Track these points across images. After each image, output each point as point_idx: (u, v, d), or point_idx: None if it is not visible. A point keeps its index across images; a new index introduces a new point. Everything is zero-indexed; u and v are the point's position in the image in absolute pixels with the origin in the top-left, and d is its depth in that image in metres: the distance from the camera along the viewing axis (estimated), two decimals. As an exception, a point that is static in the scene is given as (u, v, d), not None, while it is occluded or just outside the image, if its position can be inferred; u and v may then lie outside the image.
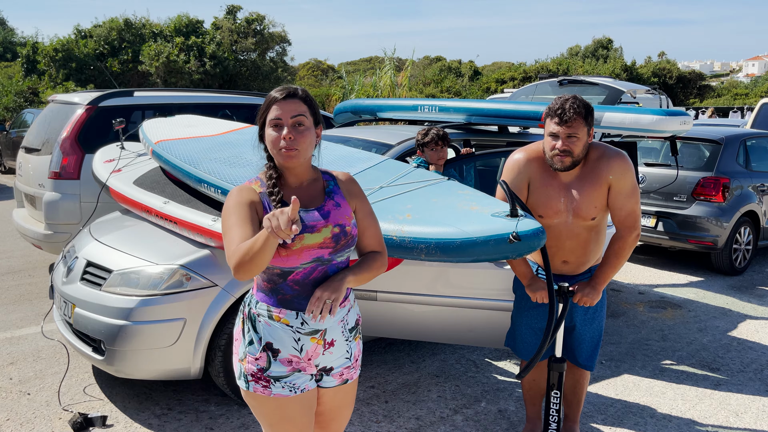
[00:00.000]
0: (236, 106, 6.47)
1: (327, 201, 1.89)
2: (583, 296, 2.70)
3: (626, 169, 2.64)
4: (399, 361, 4.13)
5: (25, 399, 3.51)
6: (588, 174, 2.66)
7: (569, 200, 2.68)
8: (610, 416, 3.45)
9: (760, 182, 6.65)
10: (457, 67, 41.68)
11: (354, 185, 1.99)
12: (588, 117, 2.56)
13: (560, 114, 2.52)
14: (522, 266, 2.78)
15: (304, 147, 1.81)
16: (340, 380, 1.99)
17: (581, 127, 2.53)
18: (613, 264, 2.70)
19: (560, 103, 2.54)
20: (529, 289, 2.77)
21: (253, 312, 1.89)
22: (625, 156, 2.66)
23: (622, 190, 2.64)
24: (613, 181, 2.63)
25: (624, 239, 2.68)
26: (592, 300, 2.70)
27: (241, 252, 1.64)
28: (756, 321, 5.11)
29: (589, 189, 2.65)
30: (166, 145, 3.93)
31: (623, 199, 2.65)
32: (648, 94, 8.31)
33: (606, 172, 2.63)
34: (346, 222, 1.88)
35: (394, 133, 4.48)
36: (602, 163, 2.64)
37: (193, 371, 3.20)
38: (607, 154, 2.66)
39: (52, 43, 22.41)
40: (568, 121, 2.50)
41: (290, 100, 1.81)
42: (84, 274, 3.40)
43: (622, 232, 2.69)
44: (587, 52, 43.64)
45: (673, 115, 3.85)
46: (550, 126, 2.58)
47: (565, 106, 2.52)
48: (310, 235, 1.81)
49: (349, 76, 21.19)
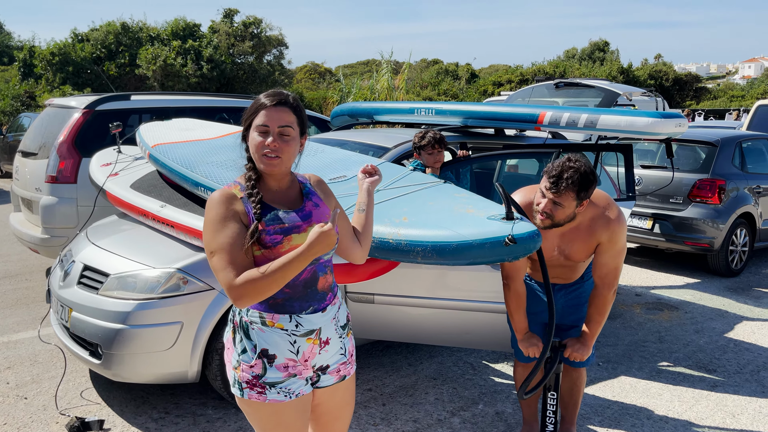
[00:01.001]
0: (233, 110, 6.48)
1: (306, 202, 1.91)
2: (574, 352, 2.79)
3: (621, 233, 2.66)
4: (396, 363, 4.13)
5: (22, 403, 3.50)
6: (584, 229, 2.68)
7: (562, 248, 2.76)
8: (607, 418, 3.45)
9: (756, 184, 6.68)
10: (454, 70, 41.78)
11: (325, 186, 2.04)
12: (581, 192, 2.51)
13: (554, 181, 2.49)
14: (521, 322, 2.84)
15: (287, 156, 1.81)
16: (337, 377, 2.00)
17: (570, 200, 2.51)
18: (598, 321, 2.77)
19: (560, 169, 2.49)
20: (521, 344, 2.84)
21: (244, 320, 1.88)
22: (622, 221, 2.67)
23: (610, 251, 2.68)
24: (604, 242, 2.67)
25: (603, 297, 2.73)
26: (582, 355, 2.78)
27: (266, 279, 1.69)
28: (752, 322, 5.12)
29: (582, 241, 2.70)
30: (163, 148, 3.93)
31: (609, 257, 2.69)
32: (644, 96, 8.33)
33: (600, 234, 2.66)
34: (328, 221, 1.90)
35: (390, 136, 4.49)
36: (599, 224, 2.66)
37: (191, 375, 3.20)
38: (603, 217, 2.66)
39: (49, 47, 22.41)
40: (558, 192, 2.50)
41: (279, 108, 1.80)
42: (81, 278, 3.40)
43: (602, 289, 2.72)
44: (584, 54, 43.78)
45: (669, 117, 3.87)
46: (543, 182, 2.56)
47: (562, 175, 2.48)
48: (297, 235, 1.82)
49: (347, 79, 21.24)
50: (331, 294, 1.95)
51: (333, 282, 1.98)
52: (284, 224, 1.82)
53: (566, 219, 2.58)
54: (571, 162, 2.51)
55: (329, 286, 1.94)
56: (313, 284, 1.89)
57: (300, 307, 1.87)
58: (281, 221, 1.82)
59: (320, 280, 1.90)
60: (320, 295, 1.91)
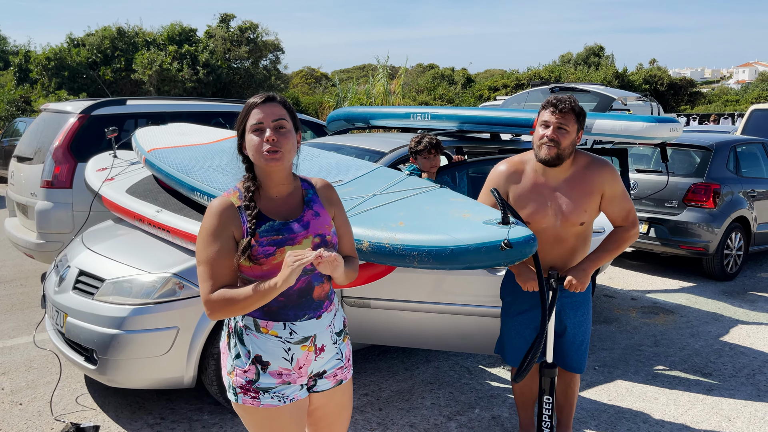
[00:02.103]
0: (229, 115, 6.48)
1: (306, 211, 1.89)
2: (573, 278, 2.72)
3: (616, 175, 2.75)
4: (393, 368, 4.13)
5: (17, 409, 3.48)
6: (577, 180, 2.72)
7: (557, 205, 2.73)
8: (603, 422, 3.46)
9: (751, 188, 6.71)
10: (450, 75, 41.87)
11: (332, 192, 1.99)
12: (580, 116, 2.67)
13: (555, 104, 2.62)
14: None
15: (287, 149, 1.81)
16: (334, 381, 1.99)
17: (572, 122, 2.63)
18: (610, 250, 2.79)
19: (557, 97, 2.65)
20: (519, 278, 2.79)
21: (239, 325, 1.88)
22: (611, 164, 2.78)
23: (617, 195, 2.76)
24: (606, 190, 2.74)
25: (628, 231, 2.81)
26: (583, 284, 2.73)
27: (238, 303, 1.73)
28: (747, 326, 5.14)
29: (578, 194, 2.71)
30: (159, 153, 3.93)
31: (620, 202, 2.78)
32: (639, 101, 8.35)
33: (598, 182, 2.72)
34: (326, 231, 1.88)
35: (387, 140, 4.50)
36: (592, 172, 2.72)
37: (186, 380, 3.20)
38: (595, 162, 2.76)
39: (45, 52, 22.35)
40: (562, 111, 2.61)
41: (270, 104, 1.82)
42: (76, 283, 3.39)
43: (628, 227, 2.81)
44: (579, 59, 43.93)
45: (663, 122, 3.89)
46: (543, 115, 2.67)
47: (561, 99, 2.64)
48: (290, 247, 1.81)
49: (343, 83, 21.25)
50: (327, 302, 1.94)
51: (330, 290, 1.97)
52: (279, 236, 1.81)
53: (569, 147, 2.65)
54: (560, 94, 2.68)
55: (325, 295, 1.93)
56: (308, 293, 1.88)
57: (295, 315, 1.86)
58: (276, 233, 1.81)
59: (316, 290, 1.89)
60: (316, 304, 1.90)
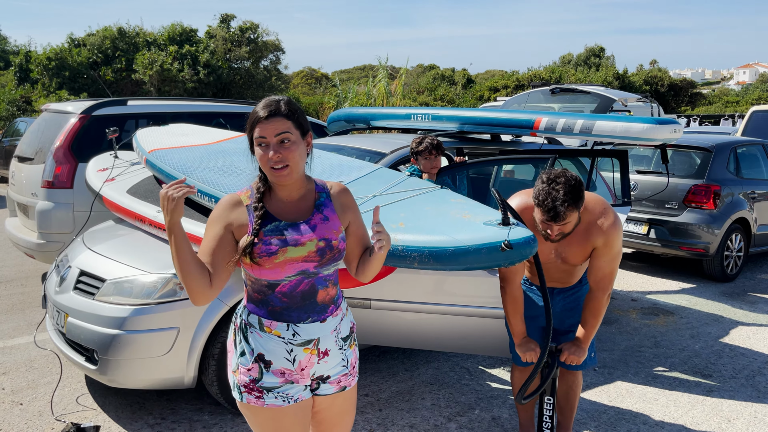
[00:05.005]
0: (230, 115, 6.48)
1: (315, 214, 1.87)
2: (570, 355, 2.79)
3: (616, 238, 2.66)
4: (393, 369, 4.13)
5: (18, 409, 3.49)
6: (581, 233, 2.68)
7: (559, 251, 2.77)
8: (603, 423, 3.46)
9: (751, 189, 6.71)
10: (451, 76, 41.85)
11: (347, 197, 1.96)
12: (578, 203, 2.47)
13: (553, 216, 2.45)
14: (518, 326, 2.84)
15: (294, 161, 1.79)
16: (337, 387, 1.98)
17: (573, 216, 2.51)
18: (593, 324, 2.77)
19: (550, 199, 2.43)
20: (518, 348, 2.84)
21: (244, 323, 1.89)
22: (618, 226, 2.66)
23: (606, 255, 2.68)
24: (599, 247, 2.67)
25: (598, 300, 2.74)
26: (579, 358, 2.78)
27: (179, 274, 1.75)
28: (748, 327, 5.14)
29: (578, 245, 2.71)
30: (160, 154, 3.93)
31: (604, 262, 2.69)
32: (639, 102, 8.35)
33: (596, 238, 2.66)
34: (332, 236, 1.86)
35: (387, 141, 4.50)
36: (595, 229, 2.66)
37: (187, 380, 3.20)
38: (601, 221, 2.65)
39: (45, 52, 22.37)
40: (563, 221, 2.48)
41: (272, 120, 1.76)
42: (77, 284, 3.39)
43: (597, 292, 2.73)
44: (579, 60, 43.89)
45: (664, 123, 3.89)
46: (541, 216, 2.51)
47: (556, 205, 2.42)
48: (293, 248, 1.80)
49: (343, 84, 21.28)
50: (333, 306, 1.93)
51: (337, 294, 1.95)
52: (283, 236, 1.81)
53: (575, 226, 2.60)
54: (552, 184, 2.45)
55: (331, 299, 1.92)
56: (312, 296, 1.87)
57: (298, 317, 1.86)
58: (281, 233, 1.81)
59: (320, 293, 1.88)
60: (320, 307, 1.89)
